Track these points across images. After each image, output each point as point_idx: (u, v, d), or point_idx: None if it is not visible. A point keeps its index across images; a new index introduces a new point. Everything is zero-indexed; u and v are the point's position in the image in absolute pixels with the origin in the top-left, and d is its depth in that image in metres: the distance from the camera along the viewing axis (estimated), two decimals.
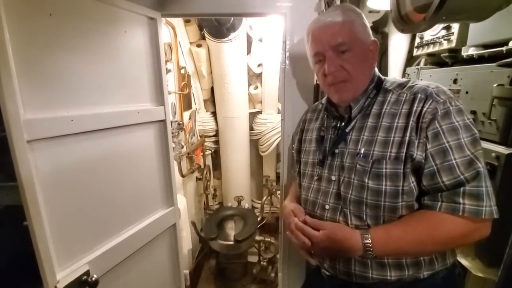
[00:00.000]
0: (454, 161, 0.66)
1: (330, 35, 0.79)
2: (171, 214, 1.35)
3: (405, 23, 0.81)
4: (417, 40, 1.56)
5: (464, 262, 0.89)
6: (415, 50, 1.59)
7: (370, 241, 0.70)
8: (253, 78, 2.58)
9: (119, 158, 1.07)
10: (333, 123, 0.91)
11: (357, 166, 0.77)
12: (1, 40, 0.71)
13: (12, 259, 1.27)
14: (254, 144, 2.82)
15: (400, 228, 0.71)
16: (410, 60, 2.07)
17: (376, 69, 0.87)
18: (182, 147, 1.72)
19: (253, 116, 2.75)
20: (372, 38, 0.84)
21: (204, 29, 1.83)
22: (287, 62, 1.28)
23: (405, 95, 0.77)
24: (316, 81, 1.30)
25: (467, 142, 0.67)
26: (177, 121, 1.62)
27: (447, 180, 0.67)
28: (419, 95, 0.74)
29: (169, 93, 1.67)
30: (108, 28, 1.00)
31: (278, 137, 2.64)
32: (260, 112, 2.71)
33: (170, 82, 1.76)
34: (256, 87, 2.57)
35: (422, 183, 0.70)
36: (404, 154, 0.71)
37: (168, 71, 1.60)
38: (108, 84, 1.01)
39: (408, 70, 1.61)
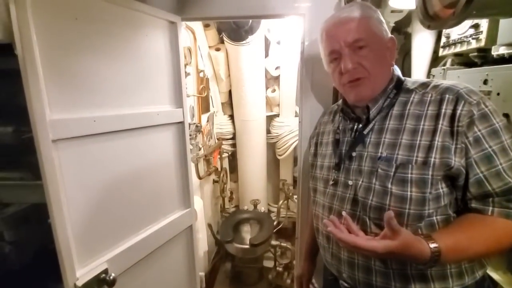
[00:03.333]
0: (500, 166, 0.63)
1: (346, 31, 0.76)
2: (187, 216, 1.36)
3: (432, 19, 0.77)
4: (443, 40, 1.49)
5: (494, 276, 0.83)
6: (440, 50, 1.52)
7: (436, 245, 0.61)
8: (270, 81, 2.57)
9: (139, 158, 1.09)
10: (350, 125, 0.87)
11: (379, 170, 0.73)
12: (28, 42, 0.74)
13: (37, 255, 1.33)
14: (271, 147, 2.80)
15: (463, 233, 0.65)
16: (435, 60, 1.98)
17: (397, 69, 0.83)
18: (200, 149, 1.74)
19: (270, 119, 2.73)
20: (390, 35, 0.80)
21: (222, 33, 1.85)
22: (305, 63, 1.26)
23: (429, 95, 0.73)
24: None
25: (510, 144, 0.64)
26: (195, 123, 1.64)
27: (497, 187, 0.64)
28: (447, 95, 0.69)
29: (188, 96, 1.70)
30: (130, 32, 1.03)
31: (295, 141, 2.60)
32: (277, 115, 2.69)
33: (189, 85, 1.79)
34: (274, 90, 2.56)
35: (469, 191, 0.67)
36: (433, 159, 0.66)
37: (187, 74, 1.63)
38: (130, 86, 1.03)
39: (433, 71, 1.53)
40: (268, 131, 2.74)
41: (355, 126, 0.85)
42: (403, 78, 0.83)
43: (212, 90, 2.42)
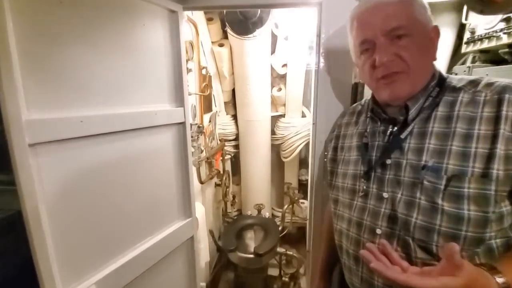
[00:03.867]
0: None
1: (384, 17, 0.65)
2: (188, 226, 1.23)
3: (487, 4, 0.64)
4: (467, 35, 1.36)
5: None
6: (464, 46, 1.39)
7: (504, 280, 0.49)
8: (276, 79, 2.44)
9: (133, 164, 0.97)
10: (381, 128, 0.76)
11: (425, 182, 0.61)
12: (2, 29, 0.62)
13: (21, 266, 1.20)
14: (275, 149, 2.68)
15: None
16: (454, 57, 1.85)
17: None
18: (202, 151, 1.61)
19: (275, 119, 2.61)
20: (433, 23, 0.68)
21: (227, 25, 1.69)
22: (321, 58, 1.13)
23: (483, 94, 0.60)
24: (355, 80, 1.14)
25: None
26: (197, 124, 1.52)
27: None
28: (508, 95, 0.57)
29: (189, 94, 1.57)
30: (124, 20, 0.90)
31: (302, 143, 2.48)
32: (282, 116, 2.56)
33: (191, 83, 1.66)
34: (280, 89, 2.43)
35: None
36: (496, 172, 0.54)
37: (188, 70, 1.50)
38: (123, 82, 0.91)
39: (456, 68, 1.40)
40: (273, 132, 2.61)
41: (389, 129, 0.73)
42: (445, 75, 0.70)
43: (215, 89, 2.29)
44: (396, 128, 0.72)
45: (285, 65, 2.23)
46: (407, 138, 0.68)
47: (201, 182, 1.75)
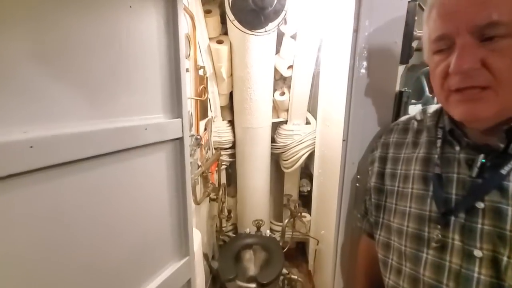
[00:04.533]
0: None
1: (478, 5, 0.46)
2: (185, 268, 0.97)
3: None
4: None
5: None
6: None
7: None
8: (279, 82, 2.21)
9: (114, 199, 0.70)
10: (461, 155, 0.57)
11: None
12: None
13: None
14: (274, 157, 2.44)
15: None
16: None
17: None
18: (199, 167, 1.35)
19: (276, 126, 2.37)
20: None
21: (228, 18, 1.39)
22: (357, 60, 0.90)
23: None
24: (400, 88, 0.92)
25: None
26: (194, 135, 1.25)
27: None
28: None
29: None
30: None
31: (306, 152, 2.26)
32: (285, 122, 2.33)
33: (187, 85, 1.39)
34: (283, 93, 2.19)
35: None
36: None
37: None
38: (99, 85, 0.63)
39: None
40: (273, 140, 2.38)
41: (479, 159, 0.53)
42: None
43: (211, 91, 2.02)
44: (490, 158, 0.52)
45: (290, 66, 2.00)
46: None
47: (197, 203, 1.48)
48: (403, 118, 0.80)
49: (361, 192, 0.97)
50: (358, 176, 0.96)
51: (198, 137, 1.27)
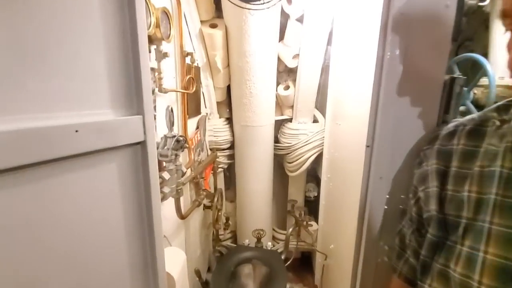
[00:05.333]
0: None
1: None
2: None
3: None
4: None
5: None
6: None
7: None
8: (283, 74, 1.94)
9: (24, 241, 0.45)
10: None
11: None
12: None
13: None
14: (277, 158, 2.19)
15: None
16: None
17: None
18: (183, 174, 1.10)
19: (279, 124, 2.11)
20: None
21: None
22: (389, 32, 0.63)
23: None
24: (449, 75, 0.65)
25: None
26: (175, 136, 1.00)
27: None
28: None
29: (165, 92, 1.05)
30: None
31: (313, 154, 1.99)
32: (289, 120, 2.07)
33: (168, 74, 1.14)
34: (287, 87, 1.93)
35: None
36: None
37: (163, 55, 0.99)
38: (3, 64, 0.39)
39: None
40: (277, 140, 2.12)
41: None
42: None
43: (205, 85, 1.77)
44: None
45: (296, 56, 1.73)
46: None
47: (182, 217, 1.24)
48: (469, 117, 0.54)
49: (391, 217, 0.71)
50: (388, 196, 0.71)
51: (182, 138, 1.02)
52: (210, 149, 2.01)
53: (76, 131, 0.50)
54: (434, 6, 0.61)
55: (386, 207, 0.72)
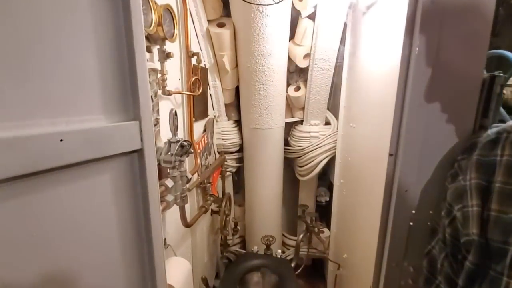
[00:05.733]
0: None
1: None
2: None
3: None
4: None
5: None
6: None
7: None
8: (293, 75, 1.87)
9: (3, 261, 0.40)
10: None
11: None
12: None
13: None
14: (287, 161, 2.11)
15: None
16: None
17: None
18: (188, 180, 1.04)
19: (289, 126, 2.04)
20: None
21: None
22: (417, 24, 0.55)
23: None
24: (490, 73, 0.57)
25: None
26: (179, 141, 0.94)
27: None
28: None
29: (168, 94, 1.00)
30: None
31: (325, 157, 1.91)
32: (300, 122, 1.99)
33: (172, 75, 1.09)
34: (298, 88, 1.85)
35: None
36: None
37: (166, 55, 0.93)
38: None
39: None
40: (287, 143, 2.04)
41: None
42: None
43: (212, 86, 1.72)
44: None
45: (307, 55, 1.65)
46: None
47: (187, 225, 1.18)
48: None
49: (417, 235, 0.63)
50: (414, 212, 0.62)
51: (186, 142, 0.96)
52: (218, 152, 1.95)
53: (61, 140, 0.44)
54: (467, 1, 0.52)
55: (411, 223, 0.63)
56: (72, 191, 0.48)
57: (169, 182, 0.90)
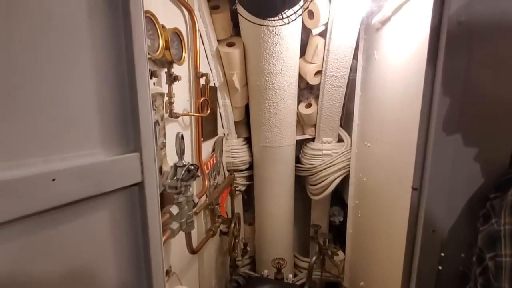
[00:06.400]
0: None
1: None
2: None
3: None
4: None
5: None
6: None
7: None
8: (304, 92, 1.83)
9: None
10: None
11: None
12: None
13: None
14: (299, 179, 2.04)
15: None
16: None
17: None
18: (195, 205, 1.00)
19: (300, 144, 1.98)
20: None
21: (237, 3, 0.99)
22: (442, 45, 0.50)
23: None
24: None
25: None
26: (185, 165, 0.91)
27: None
28: None
29: (176, 117, 0.98)
30: None
31: (339, 176, 1.83)
32: (312, 140, 1.93)
33: (181, 97, 1.07)
34: (309, 105, 1.81)
35: None
36: None
37: (173, 78, 0.91)
38: None
39: None
40: (298, 160, 1.98)
41: None
42: None
43: (222, 104, 1.70)
44: None
45: (318, 72, 1.62)
46: None
47: (193, 252, 1.13)
48: None
49: (447, 281, 0.55)
50: (443, 254, 0.55)
51: (192, 167, 0.92)
52: (228, 171, 1.91)
53: (53, 179, 0.41)
54: (502, 12, 0.47)
55: (440, 267, 0.56)
56: (66, 231, 0.45)
57: (174, 209, 0.86)
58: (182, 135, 0.91)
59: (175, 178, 0.90)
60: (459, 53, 0.49)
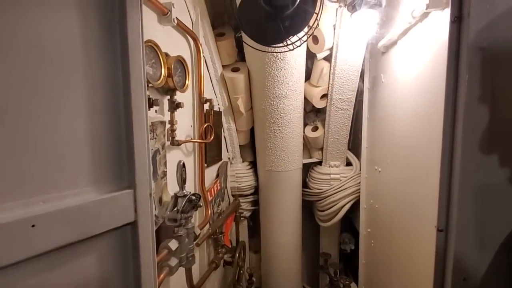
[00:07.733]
0: None
1: None
2: None
3: None
4: None
5: None
6: None
7: None
8: (310, 115, 1.80)
9: None
10: None
11: None
12: None
13: None
14: (306, 205, 1.95)
15: None
16: None
17: None
18: (196, 237, 0.94)
19: (307, 168, 1.92)
20: None
21: (241, 30, 0.96)
22: (463, 77, 0.46)
23: None
24: None
25: None
26: (187, 195, 0.86)
27: None
28: None
29: (178, 144, 0.94)
30: None
31: (348, 202, 1.75)
32: (319, 163, 1.87)
33: (184, 123, 1.04)
34: (315, 128, 1.77)
35: None
36: None
37: (175, 105, 0.89)
38: None
39: None
40: (305, 184, 1.91)
41: None
42: None
43: (227, 128, 1.68)
44: None
45: (324, 96, 1.60)
46: None
47: (193, 287, 1.04)
48: None
49: None
50: None
51: (194, 196, 0.87)
52: (232, 195, 1.85)
53: (33, 226, 0.36)
54: None
55: None
56: (47, 281, 0.40)
57: (173, 244, 0.80)
58: (183, 164, 0.87)
59: (175, 209, 0.85)
60: (483, 80, 0.45)
